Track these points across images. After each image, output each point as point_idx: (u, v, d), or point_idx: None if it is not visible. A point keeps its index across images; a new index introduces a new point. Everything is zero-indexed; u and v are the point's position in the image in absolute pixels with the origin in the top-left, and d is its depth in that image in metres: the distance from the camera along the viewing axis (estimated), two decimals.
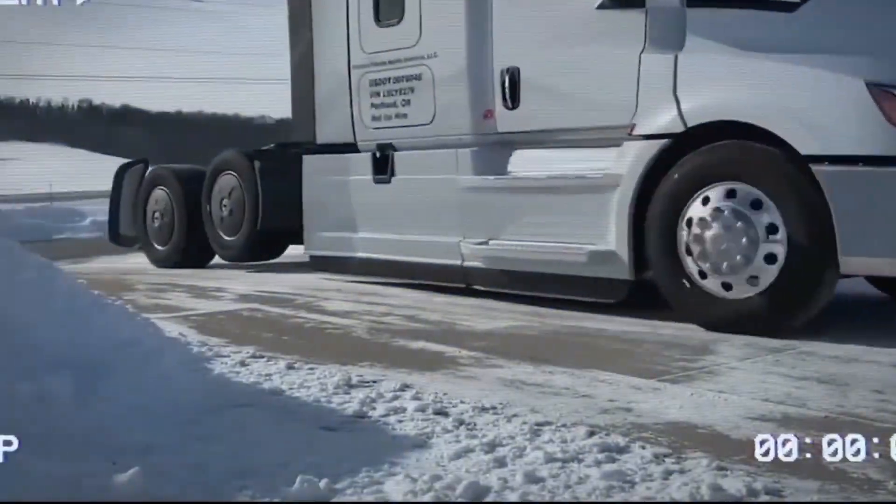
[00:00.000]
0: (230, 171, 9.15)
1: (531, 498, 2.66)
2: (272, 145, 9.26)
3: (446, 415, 3.48)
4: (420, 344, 5.09)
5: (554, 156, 6.18)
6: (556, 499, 2.66)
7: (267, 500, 2.64)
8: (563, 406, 3.66)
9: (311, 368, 4.33)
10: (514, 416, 3.45)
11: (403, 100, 7.10)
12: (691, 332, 5.12)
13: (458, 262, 6.68)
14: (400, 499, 2.66)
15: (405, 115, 7.10)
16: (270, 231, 8.83)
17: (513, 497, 2.66)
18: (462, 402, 3.65)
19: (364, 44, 7.40)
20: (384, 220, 7.34)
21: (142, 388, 3.41)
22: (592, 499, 2.65)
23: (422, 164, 7.03)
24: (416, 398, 3.72)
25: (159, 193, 10.12)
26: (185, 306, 6.84)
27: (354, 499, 2.68)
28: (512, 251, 6.29)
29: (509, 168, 6.46)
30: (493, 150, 6.56)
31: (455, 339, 5.14)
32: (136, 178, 10.52)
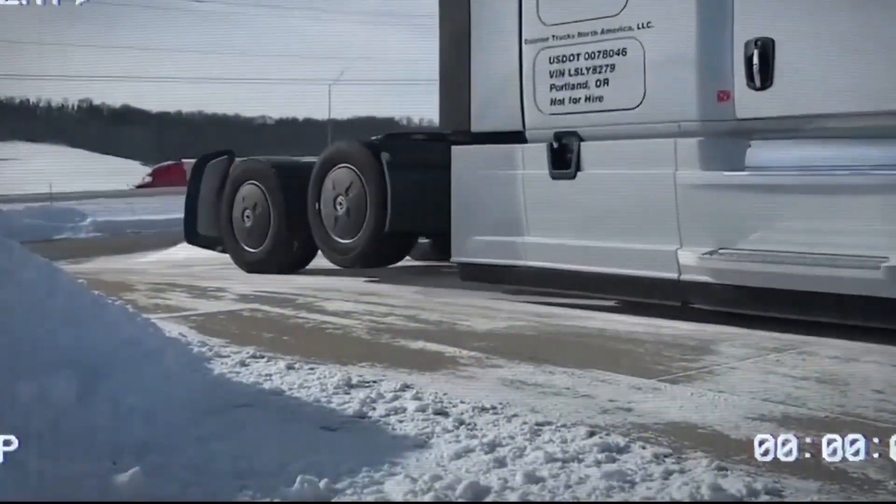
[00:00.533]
0: (347, 164, 8.00)
1: (531, 498, 2.66)
2: (380, 136, 8.21)
3: (446, 415, 3.48)
4: (420, 344, 5.08)
5: (818, 147, 5.19)
6: (556, 499, 2.66)
7: (267, 500, 2.64)
8: (564, 406, 3.66)
9: (312, 368, 4.33)
10: (514, 416, 3.45)
11: (599, 79, 5.99)
12: (691, 332, 5.12)
13: (674, 276, 5.64)
14: (400, 499, 2.66)
15: (600, 98, 6.02)
16: (399, 233, 7.84)
17: (513, 497, 2.66)
18: (462, 402, 3.65)
19: (543, 13, 6.26)
20: (565, 223, 6.27)
21: (142, 388, 3.40)
22: (592, 499, 2.65)
23: (622, 156, 5.94)
24: (416, 398, 3.72)
25: (250, 189, 8.99)
26: (185, 306, 6.83)
27: (354, 499, 2.68)
28: (756, 264, 5.24)
29: (748, 162, 5.43)
30: (728, 140, 5.51)
31: (455, 339, 5.14)
32: (218, 171, 9.40)
